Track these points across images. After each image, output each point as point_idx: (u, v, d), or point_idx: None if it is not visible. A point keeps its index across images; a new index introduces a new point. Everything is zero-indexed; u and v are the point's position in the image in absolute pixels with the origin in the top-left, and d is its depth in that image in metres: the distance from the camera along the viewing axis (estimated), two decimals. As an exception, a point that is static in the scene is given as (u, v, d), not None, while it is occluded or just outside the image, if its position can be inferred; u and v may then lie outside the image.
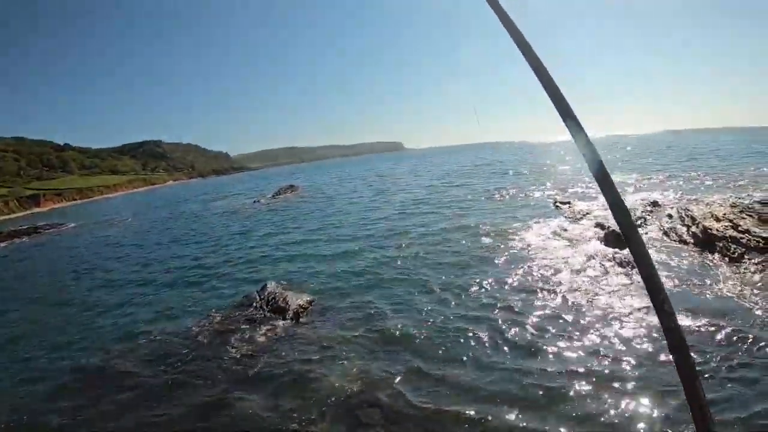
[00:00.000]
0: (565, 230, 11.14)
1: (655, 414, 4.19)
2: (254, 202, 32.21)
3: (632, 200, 14.90)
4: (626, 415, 4.23)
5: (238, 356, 6.41)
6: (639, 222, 11.04)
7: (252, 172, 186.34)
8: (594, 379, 4.83)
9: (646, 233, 10.20)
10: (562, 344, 5.69)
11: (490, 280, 8.31)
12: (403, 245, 11.83)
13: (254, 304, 7.98)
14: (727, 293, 6.68)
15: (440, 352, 5.86)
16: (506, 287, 7.91)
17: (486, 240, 11.25)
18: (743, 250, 8.10)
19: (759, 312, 5.95)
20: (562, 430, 4.15)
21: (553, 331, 6.08)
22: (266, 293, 8.28)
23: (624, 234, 0.83)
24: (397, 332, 6.56)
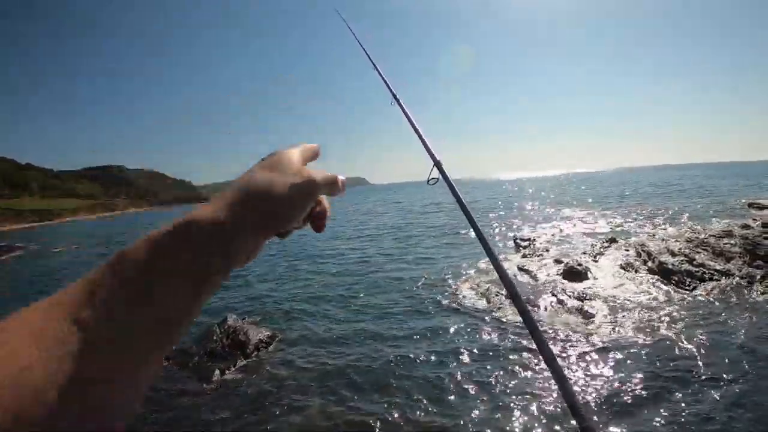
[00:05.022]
0: (526, 266, 11.23)
1: None
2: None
3: (590, 236, 15.37)
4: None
5: (192, 392, 6.11)
6: (597, 257, 11.32)
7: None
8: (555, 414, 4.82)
9: (604, 268, 10.41)
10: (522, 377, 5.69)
11: (456, 320, 8.29)
12: (369, 286, 11.64)
13: (214, 338, 7.70)
14: (676, 324, 6.91)
15: (406, 395, 5.72)
16: (473, 326, 7.88)
17: (456, 280, 11.19)
18: (698, 282, 8.42)
19: (699, 341, 6.20)
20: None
21: (514, 364, 6.07)
22: (226, 326, 8.01)
23: (489, 256, 0.88)
24: (361, 373, 6.37)
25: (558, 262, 11.15)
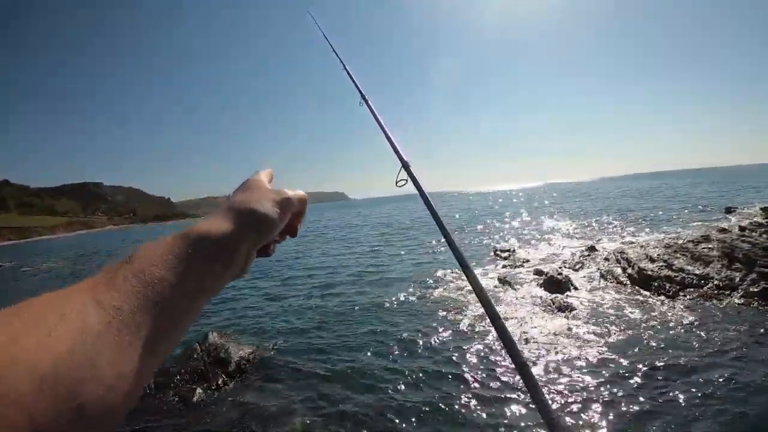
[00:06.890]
0: (506, 278, 11.23)
1: None
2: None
3: (570, 245, 15.55)
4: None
5: (174, 412, 5.95)
6: (577, 266, 11.44)
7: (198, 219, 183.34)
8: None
9: (584, 277, 10.52)
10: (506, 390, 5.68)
11: (439, 331, 8.32)
12: (351, 302, 11.48)
13: (195, 356, 7.52)
14: (658, 330, 7.01)
15: (391, 412, 5.63)
16: (458, 339, 7.87)
17: (431, 292, 11.15)
18: (678, 287, 8.54)
19: (684, 344, 6.31)
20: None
21: (496, 376, 6.07)
22: (207, 344, 7.84)
23: (462, 269, 0.88)
24: (345, 389, 6.29)
25: (538, 272, 11.23)
